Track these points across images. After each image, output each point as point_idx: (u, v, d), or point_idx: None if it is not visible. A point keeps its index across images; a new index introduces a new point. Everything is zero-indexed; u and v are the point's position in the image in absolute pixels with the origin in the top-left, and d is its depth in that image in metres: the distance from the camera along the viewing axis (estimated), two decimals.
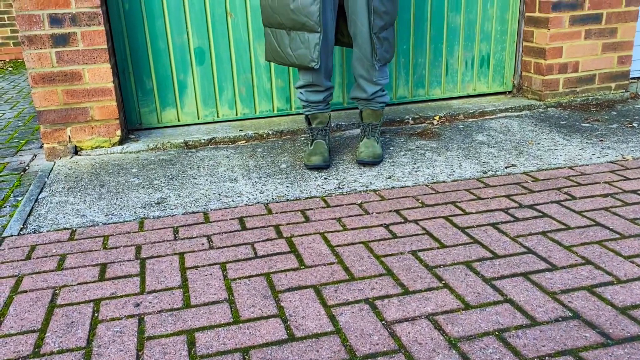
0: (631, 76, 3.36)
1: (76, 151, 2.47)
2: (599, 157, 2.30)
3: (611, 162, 2.25)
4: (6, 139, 2.96)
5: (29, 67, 2.31)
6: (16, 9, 2.23)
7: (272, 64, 2.82)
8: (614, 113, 2.92)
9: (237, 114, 2.87)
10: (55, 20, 2.28)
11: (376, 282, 1.38)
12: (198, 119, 2.82)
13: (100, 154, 2.48)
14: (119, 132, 2.49)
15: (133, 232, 1.72)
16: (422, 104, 3.11)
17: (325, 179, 2.13)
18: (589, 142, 2.49)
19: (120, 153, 2.49)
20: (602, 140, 2.51)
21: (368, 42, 2.14)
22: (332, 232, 1.68)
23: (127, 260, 1.54)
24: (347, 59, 2.90)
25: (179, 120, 2.80)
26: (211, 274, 1.45)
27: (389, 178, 2.13)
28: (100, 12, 2.32)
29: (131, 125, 2.74)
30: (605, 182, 2.03)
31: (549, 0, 2.87)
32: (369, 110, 2.34)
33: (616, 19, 2.99)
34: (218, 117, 2.85)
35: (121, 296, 1.37)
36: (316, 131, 2.31)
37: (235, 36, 2.73)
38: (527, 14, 3.05)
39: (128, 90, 2.67)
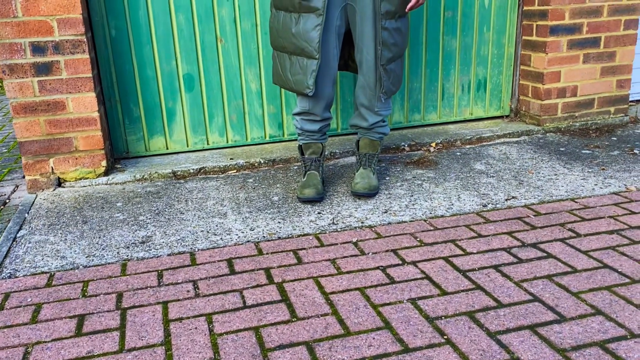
0: (631, 99, 3.30)
1: (59, 183, 2.37)
2: (601, 188, 2.22)
3: (614, 193, 2.17)
4: None
5: (9, 96, 2.22)
6: None
7: (263, 89, 2.74)
8: (614, 138, 2.85)
9: (227, 141, 2.79)
10: (37, 49, 2.19)
11: (373, 338, 1.28)
12: (187, 146, 2.74)
13: (84, 186, 2.38)
14: (104, 163, 2.40)
15: (115, 277, 1.62)
16: (418, 129, 3.04)
17: (319, 213, 2.04)
18: (590, 170, 2.41)
19: (106, 184, 2.40)
20: (603, 168, 2.44)
21: (373, 73, 2.06)
22: (326, 276, 1.58)
23: (107, 311, 1.44)
24: (342, 84, 2.83)
25: (167, 149, 2.71)
26: (196, 328, 1.35)
27: (385, 212, 2.04)
28: (85, 39, 2.24)
29: (118, 154, 2.64)
30: (610, 217, 1.95)
31: (546, 25, 2.81)
32: (367, 139, 2.26)
33: (615, 43, 2.94)
34: (208, 144, 2.76)
35: (98, 355, 1.26)
36: (309, 162, 2.22)
37: (226, 62, 2.66)
38: (524, 37, 2.99)
39: (114, 119, 2.58)
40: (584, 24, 2.86)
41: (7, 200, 2.32)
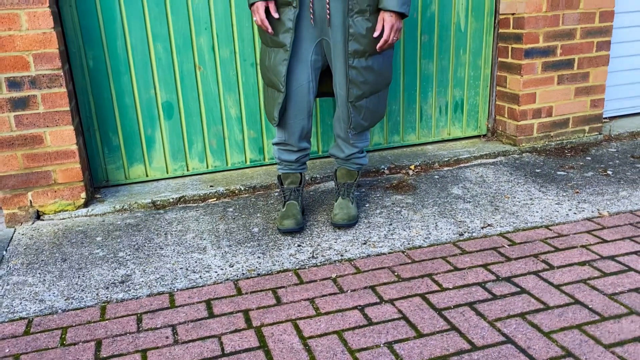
0: (604, 115, 3.37)
1: (38, 216, 2.36)
2: (575, 213, 2.27)
3: (588, 219, 2.22)
4: None
5: None
6: None
7: (243, 115, 2.76)
8: (589, 158, 2.91)
9: (207, 167, 2.79)
10: (13, 84, 2.18)
11: None
12: (167, 173, 2.74)
13: (64, 219, 2.37)
14: (83, 195, 2.39)
15: (94, 322, 1.63)
16: (397, 150, 3.07)
17: (299, 246, 2.06)
18: (564, 194, 2.46)
19: (85, 216, 2.39)
20: (577, 192, 2.49)
21: (345, 108, 2.09)
22: (304, 318, 1.60)
23: None
24: (322, 107, 2.85)
25: (147, 176, 2.71)
26: None
27: (364, 244, 2.07)
28: (62, 73, 2.23)
29: (97, 183, 2.64)
30: (583, 246, 1.99)
31: (521, 48, 2.86)
32: (345, 169, 2.29)
33: (588, 64, 3.00)
34: (188, 170, 2.77)
35: None
36: (288, 192, 2.24)
37: (205, 89, 2.66)
38: (500, 59, 3.04)
39: (94, 148, 2.58)
40: (558, 47, 2.91)
41: None
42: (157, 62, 2.55)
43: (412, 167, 2.83)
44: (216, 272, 1.90)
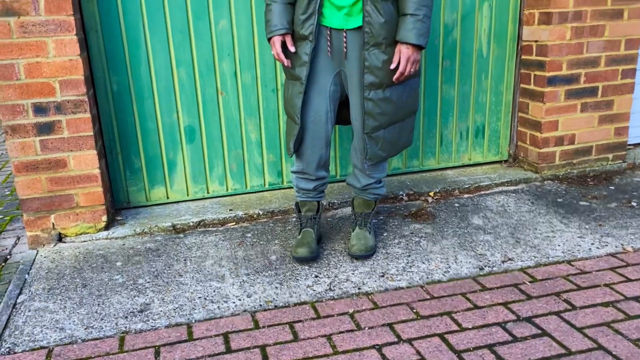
0: (629, 142, 3.32)
1: (60, 238, 2.39)
2: (598, 248, 2.24)
3: (611, 254, 2.18)
4: None
5: (11, 155, 2.25)
6: (0, 100, 2.18)
7: (263, 139, 2.77)
8: (612, 188, 2.87)
9: (227, 190, 2.81)
10: (39, 109, 2.22)
11: None
12: (187, 195, 2.76)
13: (85, 241, 2.40)
14: (104, 218, 2.42)
15: (113, 354, 1.64)
16: (416, 175, 3.05)
17: (316, 276, 2.06)
18: (587, 226, 2.42)
19: (106, 239, 2.42)
20: (600, 224, 2.45)
21: (361, 138, 2.09)
22: (321, 357, 1.60)
23: None
24: (341, 131, 2.85)
25: (167, 198, 2.73)
26: None
27: (382, 276, 2.05)
28: (86, 99, 2.27)
29: (119, 205, 2.67)
30: (606, 285, 1.96)
31: (544, 75, 2.84)
32: (361, 199, 2.28)
33: (612, 92, 2.96)
34: (208, 193, 2.79)
35: None
36: (305, 219, 2.24)
37: (227, 114, 2.68)
38: (522, 85, 3.01)
39: (116, 170, 2.61)
40: (582, 74, 2.88)
41: (9, 256, 2.34)
42: (180, 87, 2.58)
43: (432, 193, 2.81)
44: (234, 302, 1.90)
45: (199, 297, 1.94)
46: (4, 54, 2.14)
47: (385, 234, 2.39)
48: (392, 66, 1.94)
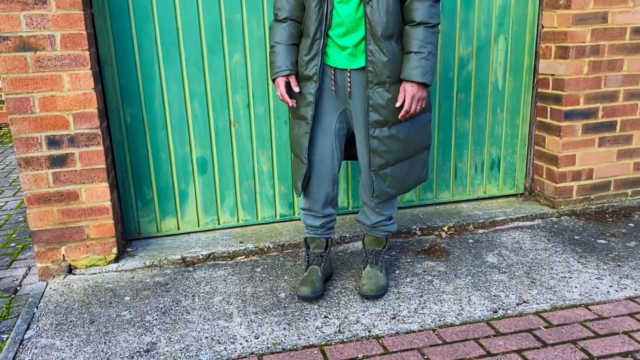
0: None
1: (70, 270, 2.39)
2: (616, 291, 2.17)
3: (630, 298, 2.11)
4: (3, 240, 2.89)
5: (24, 188, 2.26)
6: (14, 132, 2.20)
7: (274, 170, 2.76)
8: (631, 225, 2.79)
9: (238, 221, 2.79)
10: (53, 142, 2.24)
11: None
12: (198, 226, 2.75)
13: (94, 274, 2.39)
14: (114, 250, 2.41)
15: None
16: (430, 207, 3.01)
17: (326, 317, 2.02)
18: (605, 267, 2.36)
19: (116, 272, 2.41)
20: (619, 264, 2.38)
21: (368, 176, 2.06)
22: None
23: None
24: (354, 163, 2.83)
25: (178, 229, 2.72)
26: None
27: (393, 318, 2.01)
28: (99, 132, 2.28)
29: (130, 235, 2.66)
30: (625, 333, 1.89)
31: (560, 109, 2.79)
32: (372, 236, 2.25)
33: (631, 127, 2.90)
34: (219, 224, 2.77)
35: None
36: (312, 257, 2.21)
37: (239, 145, 2.68)
38: (538, 118, 2.97)
39: (127, 201, 2.61)
40: (600, 109, 2.83)
41: (19, 287, 2.34)
42: (194, 119, 2.59)
43: (446, 228, 2.77)
44: (241, 344, 1.87)
45: (206, 337, 1.91)
46: (20, 87, 2.16)
47: (397, 272, 2.35)
48: (398, 104, 1.91)
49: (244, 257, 2.54)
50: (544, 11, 2.83)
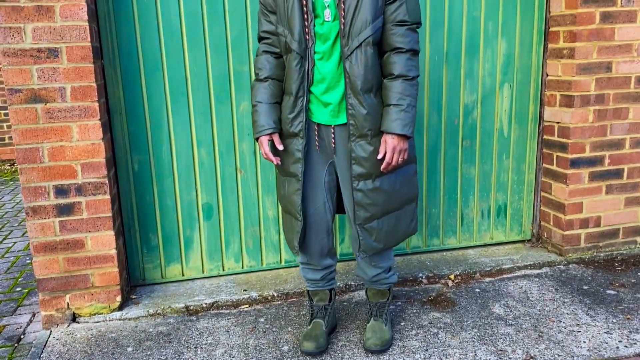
0: None
1: (74, 318, 2.39)
2: (626, 347, 2.12)
3: (639, 355, 2.07)
4: (10, 285, 2.90)
5: (31, 236, 2.28)
6: (23, 182, 2.23)
7: (280, 216, 2.76)
8: None
9: (243, 267, 2.79)
10: (60, 191, 2.26)
11: None
12: (203, 272, 2.74)
13: (98, 322, 2.38)
14: (119, 298, 2.41)
15: None
16: (436, 254, 2.99)
17: None
18: (614, 320, 2.32)
19: (119, 320, 2.40)
20: (629, 317, 2.34)
21: (354, 230, 2.05)
22: None
23: None
24: None
25: (183, 275, 2.72)
26: None
27: None
28: (107, 180, 2.30)
29: (134, 281, 2.67)
30: None
31: (566, 157, 2.79)
32: (374, 290, 2.23)
33: (638, 174, 2.89)
34: (223, 270, 2.77)
35: None
36: (316, 309, 2.19)
37: (245, 192, 2.70)
38: (544, 165, 2.97)
39: (133, 248, 2.62)
40: (606, 156, 2.82)
41: (22, 336, 2.34)
42: (200, 166, 2.61)
43: (452, 276, 2.74)
44: None
45: None
46: (30, 138, 2.20)
47: (402, 323, 2.32)
48: (379, 156, 1.91)
49: (247, 305, 2.53)
50: (548, 60, 2.86)
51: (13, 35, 2.12)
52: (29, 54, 2.14)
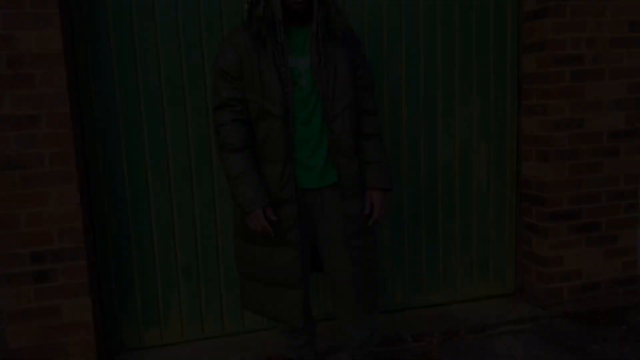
0: None
1: None
2: None
3: None
4: None
5: (5, 304, 2.22)
6: None
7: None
8: (625, 327, 2.74)
9: (223, 329, 2.73)
10: (37, 257, 2.23)
11: None
12: (182, 336, 2.68)
13: None
14: None
15: None
16: (420, 310, 2.96)
17: None
18: None
19: None
20: None
21: (351, 288, 2.00)
22: None
23: None
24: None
25: (162, 340, 2.65)
26: None
27: None
28: (84, 246, 2.27)
29: (112, 348, 2.59)
30: None
31: (544, 211, 2.82)
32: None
33: (616, 226, 2.92)
34: (203, 333, 2.70)
35: None
36: None
37: (225, 252, 2.67)
38: (524, 218, 2.99)
39: (111, 314, 2.56)
40: (584, 210, 2.86)
41: None
42: (180, 228, 2.59)
43: (437, 334, 2.71)
44: None
45: None
46: (7, 203, 2.18)
47: None
48: (368, 211, 1.96)
49: None
50: (523, 116, 2.94)
51: None
52: (7, 120, 2.14)
